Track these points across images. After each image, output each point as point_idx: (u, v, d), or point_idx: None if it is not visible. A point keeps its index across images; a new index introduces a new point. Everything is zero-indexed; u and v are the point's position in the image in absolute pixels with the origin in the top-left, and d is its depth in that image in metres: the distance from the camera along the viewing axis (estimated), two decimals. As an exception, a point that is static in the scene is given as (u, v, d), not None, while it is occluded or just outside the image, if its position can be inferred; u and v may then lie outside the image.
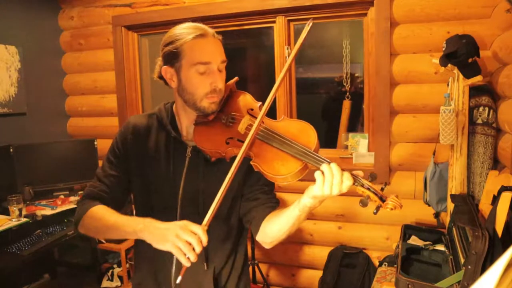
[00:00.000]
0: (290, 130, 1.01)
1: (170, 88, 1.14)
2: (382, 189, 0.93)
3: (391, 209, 0.90)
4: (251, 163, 1.00)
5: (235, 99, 1.13)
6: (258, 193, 1.14)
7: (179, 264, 1.14)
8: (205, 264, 1.14)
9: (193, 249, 0.92)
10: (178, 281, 0.94)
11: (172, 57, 1.06)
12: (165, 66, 1.09)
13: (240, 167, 0.99)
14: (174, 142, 1.14)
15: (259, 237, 1.13)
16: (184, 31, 1.05)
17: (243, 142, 1.01)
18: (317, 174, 0.91)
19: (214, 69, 1.05)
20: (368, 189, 0.91)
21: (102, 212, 1.11)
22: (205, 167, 1.12)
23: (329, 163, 0.91)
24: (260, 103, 1.09)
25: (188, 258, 0.91)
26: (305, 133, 1.00)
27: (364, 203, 0.91)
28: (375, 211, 0.92)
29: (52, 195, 2.88)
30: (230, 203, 1.14)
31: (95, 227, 1.12)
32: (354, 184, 0.91)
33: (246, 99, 1.12)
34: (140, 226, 1.00)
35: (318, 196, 0.93)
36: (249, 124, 1.05)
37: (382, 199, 0.91)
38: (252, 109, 1.09)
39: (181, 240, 0.92)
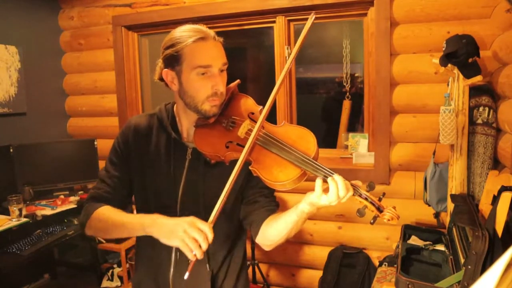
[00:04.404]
0: (290, 136, 1.00)
1: (170, 89, 1.14)
2: (380, 199, 0.93)
3: (388, 220, 0.90)
4: (250, 168, 1.00)
5: (236, 102, 1.12)
6: (257, 196, 1.14)
7: (178, 265, 1.15)
8: (207, 265, 1.15)
9: (199, 246, 0.92)
10: (186, 277, 0.94)
11: (173, 60, 1.06)
12: (166, 69, 1.09)
13: (241, 170, 0.99)
14: (175, 144, 1.14)
15: (258, 240, 1.14)
16: (184, 34, 1.04)
17: (242, 146, 1.01)
18: (317, 183, 0.91)
19: (215, 72, 1.04)
20: (366, 199, 0.91)
21: (108, 212, 1.12)
22: (205, 168, 1.12)
23: (332, 174, 0.91)
24: (261, 107, 1.09)
25: (194, 254, 0.92)
26: (305, 140, 0.99)
27: (361, 213, 0.91)
28: (372, 221, 0.93)
29: (52, 195, 2.89)
30: (231, 205, 1.14)
31: (103, 227, 1.12)
32: (353, 195, 0.91)
33: (247, 103, 1.11)
34: (148, 221, 1.01)
35: (316, 204, 0.94)
36: (249, 128, 1.04)
37: (380, 210, 0.91)
38: (253, 113, 1.08)
39: (189, 236, 0.92)
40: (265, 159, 0.99)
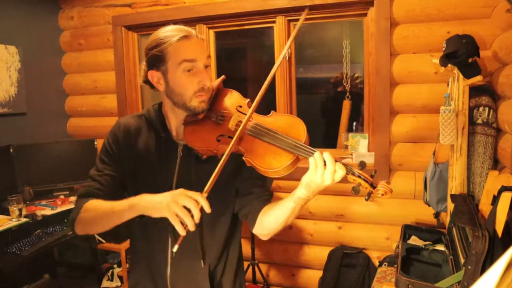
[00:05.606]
0: (280, 125, 1.03)
1: (156, 91, 1.15)
2: (372, 176, 0.95)
3: (382, 194, 0.92)
4: (244, 158, 1.01)
5: (223, 97, 1.15)
6: (252, 188, 1.15)
7: (174, 264, 1.15)
8: (202, 261, 1.15)
9: (192, 216, 0.89)
10: (175, 249, 0.91)
11: (158, 61, 1.07)
12: (151, 71, 1.10)
13: (233, 163, 1.01)
14: (165, 142, 1.15)
15: (255, 230, 1.14)
16: (168, 33, 1.06)
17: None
18: (310, 162, 0.92)
19: (200, 67, 1.07)
20: (359, 176, 0.94)
21: (96, 203, 1.09)
22: (196, 165, 1.13)
23: (322, 153, 0.93)
24: (248, 99, 1.12)
25: (186, 226, 0.89)
26: (295, 127, 1.02)
27: (356, 190, 0.93)
28: (366, 197, 0.95)
29: (52, 195, 2.88)
30: (223, 198, 1.15)
31: (92, 217, 1.09)
32: (346, 173, 0.92)
33: (234, 97, 1.14)
34: (135, 200, 0.99)
35: (311, 185, 0.93)
36: (239, 120, 1.06)
37: (373, 186, 0.93)
38: (240, 106, 1.11)
39: (178, 205, 0.89)
40: (257, 148, 1.01)
